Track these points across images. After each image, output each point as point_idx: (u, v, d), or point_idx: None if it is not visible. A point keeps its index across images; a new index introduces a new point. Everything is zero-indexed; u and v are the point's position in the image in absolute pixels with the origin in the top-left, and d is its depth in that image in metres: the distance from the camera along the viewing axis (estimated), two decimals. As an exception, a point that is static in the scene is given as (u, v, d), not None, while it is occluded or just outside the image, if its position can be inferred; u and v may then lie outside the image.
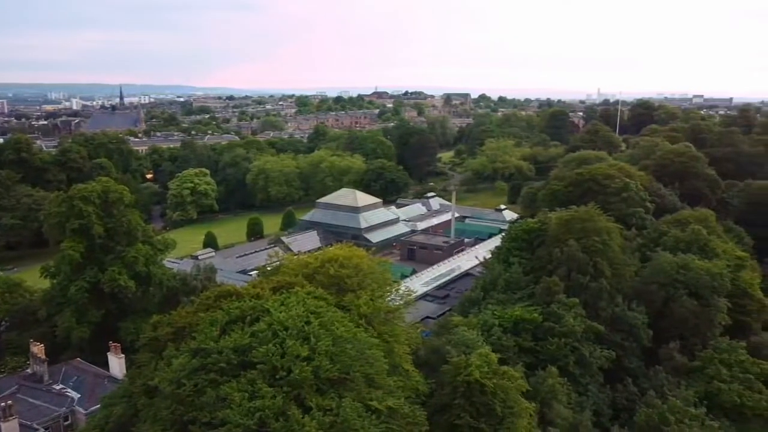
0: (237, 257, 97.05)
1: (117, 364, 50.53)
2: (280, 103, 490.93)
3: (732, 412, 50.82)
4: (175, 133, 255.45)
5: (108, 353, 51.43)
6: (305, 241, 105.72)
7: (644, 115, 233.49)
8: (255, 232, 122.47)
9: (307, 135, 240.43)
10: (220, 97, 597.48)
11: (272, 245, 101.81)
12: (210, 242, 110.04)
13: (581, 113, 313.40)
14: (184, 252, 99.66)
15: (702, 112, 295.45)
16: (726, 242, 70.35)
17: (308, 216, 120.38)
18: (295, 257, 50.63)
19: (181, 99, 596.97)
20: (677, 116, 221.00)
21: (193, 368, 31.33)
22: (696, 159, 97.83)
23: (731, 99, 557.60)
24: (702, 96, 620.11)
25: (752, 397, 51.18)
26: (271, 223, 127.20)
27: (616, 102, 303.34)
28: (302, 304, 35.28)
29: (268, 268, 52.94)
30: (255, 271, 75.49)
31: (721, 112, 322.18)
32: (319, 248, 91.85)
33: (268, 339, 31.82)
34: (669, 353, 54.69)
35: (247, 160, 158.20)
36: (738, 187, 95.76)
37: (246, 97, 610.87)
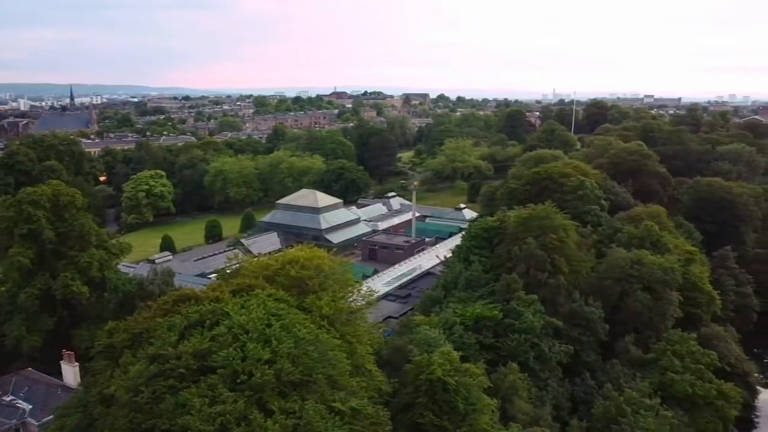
0: (195, 260, 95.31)
1: (71, 373, 48.93)
2: (238, 103, 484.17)
3: (684, 401, 52.51)
4: (130, 135, 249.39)
5: (61, 362, 49.78)
6: (265, 243, 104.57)
7: (598, 114, 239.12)
8: (213, 235, 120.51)
9: (265, 135, 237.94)
10: (175, 98, 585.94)
11: (231, 247, 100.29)
12: (167, 245, 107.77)
13: (537, 113, 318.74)
14: (140, 256, 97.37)
15: (652, 111, 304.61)
16: (677, 237, 72.72)
17: (268, 217, 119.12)
18: (255, 259, 49.94)
19: (135, 99, 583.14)
20: (629, 115, 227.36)
21: (151, 375, 30.64)
22: (648, 157, 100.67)
23: (680, 99, 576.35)
24: (652, 96, 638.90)
25: (703, 386, 52.98)
26: (230, 225, 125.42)
27: (571, 102, 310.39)
28: (263, 306, 34.90)
29: (228, 271, 52.07)
30: (214, 274, 74.20)
31: (671, 112, 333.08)
32: (279, 250, 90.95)
33: (229, 343, 31.38)
34: (624, 346, 56.22)
35: (204, 162, 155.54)
36: (687, 184, 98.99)
37: (202, 98, 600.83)
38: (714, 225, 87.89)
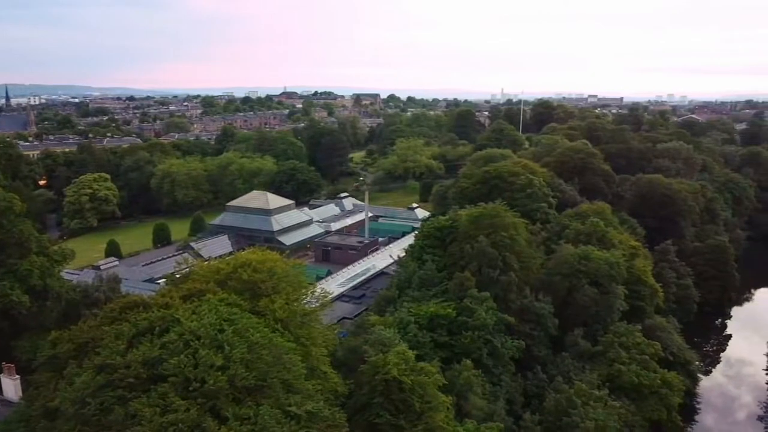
0: (143, 265, 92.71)
1: (12, 387, 46.73)
2: (185, 103, 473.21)
3: (631, 391, 54.48)
4: (71, 136, 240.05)
5: (1, 375, 47.56)
6: (216, 246, 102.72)
7: (545, 114, 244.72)
8: (162, 239, 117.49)
9: (214, 137, 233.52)
10: (119, 98, 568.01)
11: (181, 251, 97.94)
12: (113, 251, 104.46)
13: (487, 113, 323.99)
14: (84, 262, 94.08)
15: (596, 111, 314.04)
16: (621, 233, 75.17)
17: (218, 220, 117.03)
18: (206, 263, 48.95)
19: (77, 100, 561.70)
20: (574, 115, 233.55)
21: (99, 385, 29.62)
22: (593, 155, 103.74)
23: (622, 98, 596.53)
24: (596, 96, 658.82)
25: (648, 376, 55.09)
26: (179, 229, 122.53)
27: (519, 101, 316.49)
28: (215, 311, 34.22)
29: (177, 276, 50.91)
30: (163, 280, 72.39)
31: (614, 111, 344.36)
32: (230, 253, 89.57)
33: (180, 350, 30.62)
34: (574, 340, 57.79)
35: (151, 164, 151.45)
36: (630, 181, 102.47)
37: (148, 98, 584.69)
38: (655, 220, 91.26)
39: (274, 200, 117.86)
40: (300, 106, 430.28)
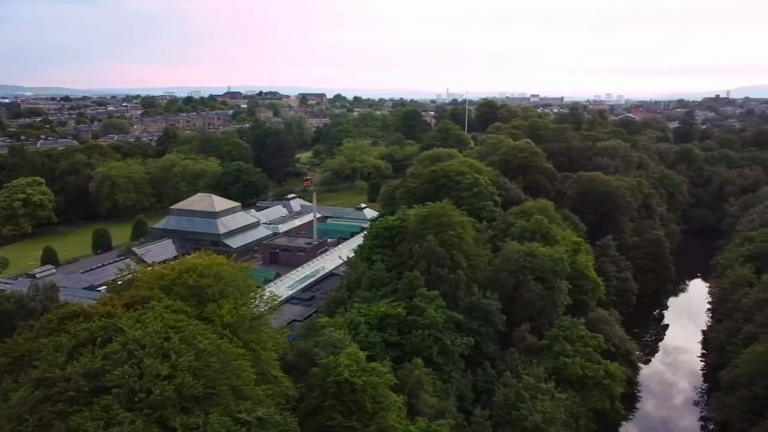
0: (82, 273, 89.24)
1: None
2: (124, 104, 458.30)
3: (576, 383, 56.17)
4: (1, 139, 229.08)
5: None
6: (160, 251, 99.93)
7: (489, 113, 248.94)
8: (102, 244, 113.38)
9: (156, 138, 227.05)
10: (53, 98, 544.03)
11: (123, 257, 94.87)
12: (49, 258, 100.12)
13: (433, 112, 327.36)
14: (18, 270, 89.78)
15: (539, 110, 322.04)
16: (564, 229, 77.31)
17: (162, 224, 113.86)
18: (150, 269, 47.57)
19: (6, 100, 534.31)
20: (518, 114, 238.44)
21: (37, 400, 28.40)
22: (536, 154, 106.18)
23: (562, 98, 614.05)
24: (538, 95, 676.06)
25: (592, 367, 56.92)
26: (120, 234, 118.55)
27: (464, 101, 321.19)
28: (160, 319, 33.32)
29: (120, 283, 49.22)
30: (104, 287, 69.94)
31: (555, 110, 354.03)
32: (175, 257, 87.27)
33: (124, 360, 29.68)
34: (521, 335, 59.06)
35: (89, 167, 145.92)
36: (572, 179, 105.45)
37: (84, 98, 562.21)
38: (596, 216, 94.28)
39: (220, 202, 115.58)
40: (245, 106, 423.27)
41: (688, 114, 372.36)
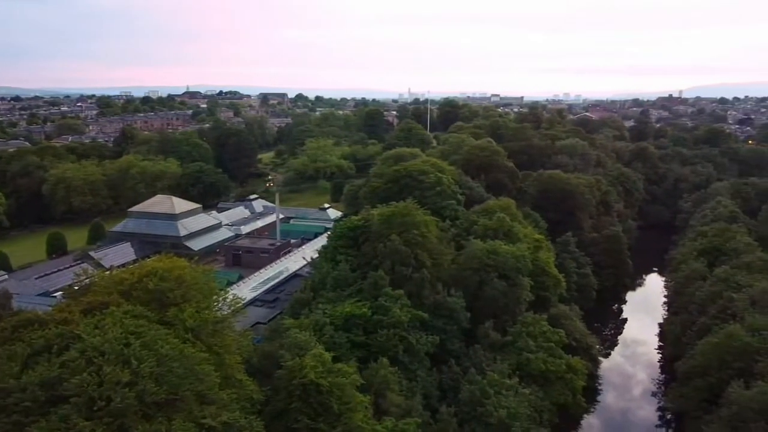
0: (36, 278, 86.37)
1: None
2: (79, 104, 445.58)
3: (539, 378, 57.15)
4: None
5: None
6: (118, 255, 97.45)
7: (451, 113, 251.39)
8: (57, 249, 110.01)
9: (112, 139, 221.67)
10: (2, 98, 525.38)
11: (79, 262, 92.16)
12: (1, 263, 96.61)
13: (395, 112, 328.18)
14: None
15: (499, 109, 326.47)
16: (525, 227, 78.50)
17: (120, 227, 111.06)
18: (108, 273, 46.33)
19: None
20: (479, 114, 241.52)
21: (-10, 412, 27.36)
22: (497, 153, 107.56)
23: (522, 97, 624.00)
24: (498, 95, 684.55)
25: (554, 362, 58.00)
26: (76, 237, 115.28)
27: (426, 101, 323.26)
28: (119, 325, 32.50)
29: (76, 288, 47.82)
30: (60, 293, 67.92)
31: (515, 110, 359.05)
32: (134, 261, 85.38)
33: (82, 368, 28.85)
34: (485, 332, 59.74)
35: (42, 169, 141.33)
36: (532, 177, 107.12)
37: (36, 98, 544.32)
38: (556, 213, 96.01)
39: (180, 204, 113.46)
40: (204, 106, 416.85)
41: (643, 113, 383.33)
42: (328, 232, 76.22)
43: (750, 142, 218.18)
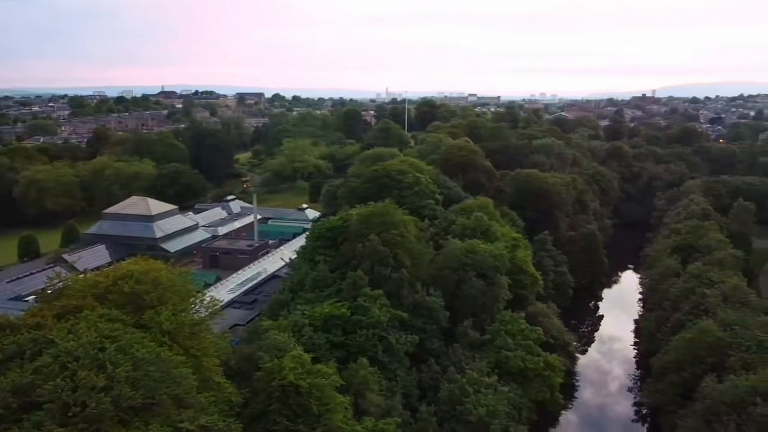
0: (8, 282, 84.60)
1: None
2: (51, 104, 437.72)
3: (518, 375, 57.62)
4: None
5: None
6: (92, 258, 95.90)
7: (429, 112, 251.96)
8: (29, 252, 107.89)
9: (86, 139, 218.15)
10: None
11: (52, 265, 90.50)
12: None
13: (372, 111, 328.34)
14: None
15: (477, 109, 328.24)
16: (503, 226, 79.11)
17: (94, 229, 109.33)
18: (82, 276, 45.53)
19: None
20: (456, 113, 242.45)
21: (-40, 420, 26.73)
22: (475, 152, 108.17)
23: (499, 97, 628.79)
24: (476, 95, 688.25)
25: (533, 360, 58.51)
26: (49, 240, 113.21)
27: (403, 101, 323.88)
28: (94, 329, 31.96)
29: (49, 292, 46.91)
30: (32, 297, 66.63)
31: (492, 109, 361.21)
32: (109, 264, 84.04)
33: (56, 373, 28.31)
34: (464, 331, 60.08)
35: (13, 171, 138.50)
36: (510, 176, 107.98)
37: (6, 98, 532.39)
38: (533, 212, 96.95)
39: (156, 205, 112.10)
40: (180, 106, 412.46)
41: (618, 112, 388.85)
42: (307, 233, 75.96)
43: (721, 141, 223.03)
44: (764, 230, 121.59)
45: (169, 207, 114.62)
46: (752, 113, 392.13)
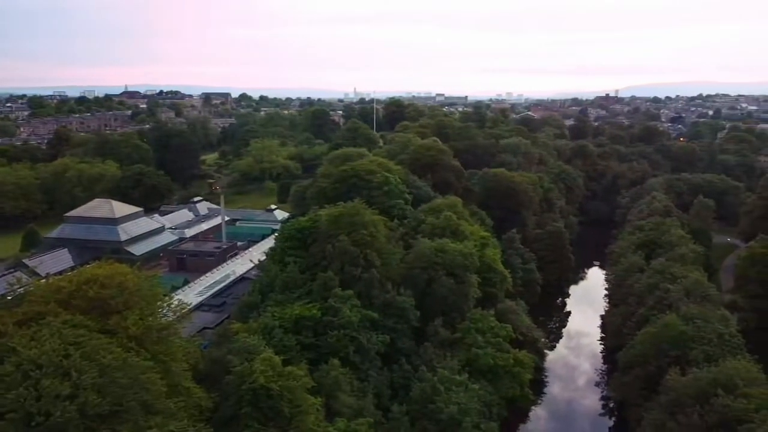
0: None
1: None
2: (8, 104, 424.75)
3: (488, 372, 58.15)
4: None
5: None
6: (55, 262, 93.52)
7: (397, 112, 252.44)
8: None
9: (46, 141, 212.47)
10: None
11: (12, 270, 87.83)
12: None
13: (341, 111, 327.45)
14: None
15: (444, 109, 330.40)
16: (472, 224, 79.75)
17: (56, 232, 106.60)
18: (44, 282, 44.37)
19: None
20: (425, 113, 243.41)
21: None
22: (443, 152, 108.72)
23: (467, 97, 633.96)
24: (443, 94, 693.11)
25: (503, 357, 59.13)
26: (9, 245, 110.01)
27: (372, 100, 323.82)
28: (58, 335, 31.19)
29: (10, 299, 45.61)
30: (-8, 303, 64.59)
31: (460, 109, 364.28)
32: (72, 268, 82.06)
33: (18, 382, 27.56)
34: (435, 329, 60.34)
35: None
36: (478, 176, 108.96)
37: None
38: (501, 211, 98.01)
39: (120, 208, 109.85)
40: (144, 106, 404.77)
41: (582, 112, 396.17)
42: (276, 234, 75.35)
43: (681, 139, 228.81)
44: (723, 226, 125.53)
45: (133, 209, 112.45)
46: (711, 112, 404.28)
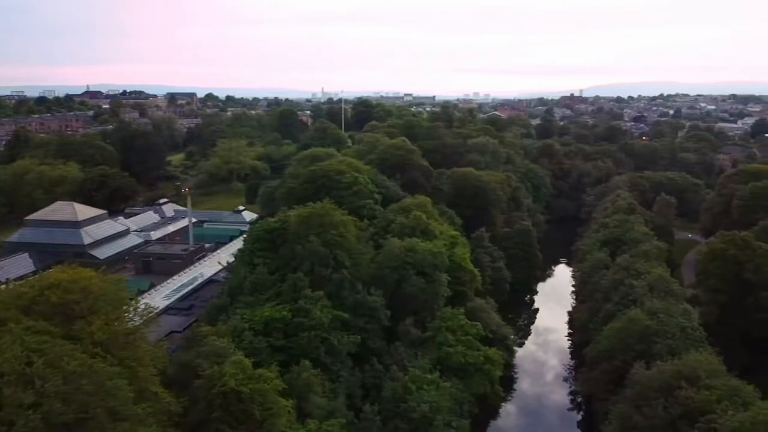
0: None
1: None
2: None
3: (459, 370, 58.63)
4: None
5: None
6: (15, 267, 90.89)
7: (365, 112, 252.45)
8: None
9: (4, 142, 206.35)
10: None
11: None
12: None
13: (309, 111, 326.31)
14: None
15: (413, 109, 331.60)
16: (441, 224, 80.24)
17: (16, 237, 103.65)
18: (4, 287, 43.10)
19: None
20: (393, 113, 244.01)
21: None
22: (412, 152, 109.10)
23: (434, 97, 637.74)
24: (411, 94, 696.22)
25: (473, 355, 59.67)
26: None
27: (340, 100, 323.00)
28: (19, 342, 30.34)
29: (-32, 305, 44.18)
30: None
31: (428, 109, 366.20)
32: (34, 273, 79.98)
33: (-22, 391, 26.69)
34: (405, 329, 60.55)
35: None
36: (446, 175, 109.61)
37: None
38: (470, 210, 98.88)
39: (83, 211, 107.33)
40: (107, 106, 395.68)
41: (548, 111, 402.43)
42: (244, 235, 74.65)
43: (644, 138, 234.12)
44: (684, 222, 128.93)
45: (97, 212, 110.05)
46: (671, 112, 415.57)
